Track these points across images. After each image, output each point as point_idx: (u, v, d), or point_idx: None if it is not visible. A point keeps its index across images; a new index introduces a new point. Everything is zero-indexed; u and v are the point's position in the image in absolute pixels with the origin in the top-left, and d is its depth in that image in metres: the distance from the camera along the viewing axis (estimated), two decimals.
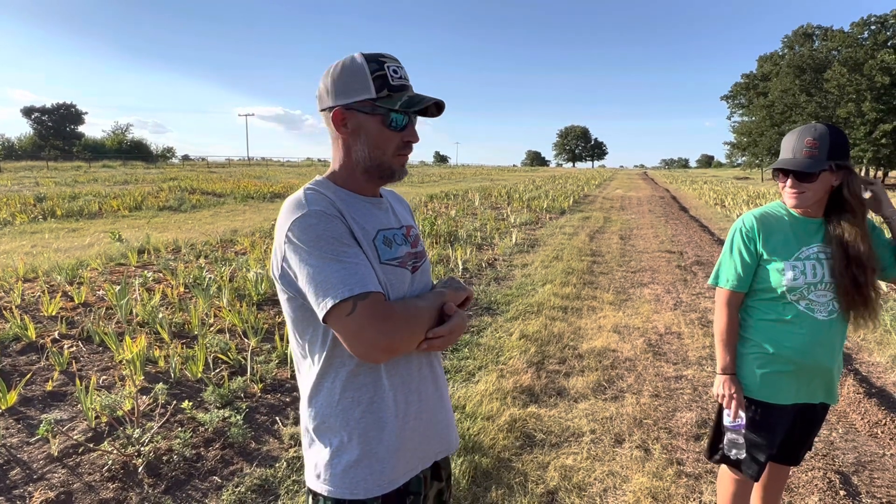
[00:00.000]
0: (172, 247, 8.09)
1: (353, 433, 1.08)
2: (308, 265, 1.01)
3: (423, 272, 1.21)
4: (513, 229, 10.82)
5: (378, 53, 1.11)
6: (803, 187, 1.63)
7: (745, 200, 18.70)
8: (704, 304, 5.60)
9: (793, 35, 49.64)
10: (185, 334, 4.33)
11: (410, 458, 1.13)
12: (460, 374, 3.77)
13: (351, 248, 1.03)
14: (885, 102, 33.01)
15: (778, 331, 1.71)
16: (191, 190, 19.34)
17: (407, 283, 1.14)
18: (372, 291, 1.00)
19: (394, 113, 1.09)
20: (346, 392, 1.08)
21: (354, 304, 0.98)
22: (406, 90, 1.11)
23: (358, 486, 1.07)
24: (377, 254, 1.09)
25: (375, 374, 1.09)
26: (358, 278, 0.99)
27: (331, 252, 1.00)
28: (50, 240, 8.97)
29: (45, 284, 5.56)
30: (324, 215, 1.03)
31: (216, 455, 2.72)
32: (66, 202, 13.97)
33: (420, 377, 1.15)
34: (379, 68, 1.08)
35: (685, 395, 3.47)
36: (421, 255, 1.22)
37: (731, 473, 1.88)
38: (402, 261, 1.14)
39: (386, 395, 1.09)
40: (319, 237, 1.01)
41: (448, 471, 1.31)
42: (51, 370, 3.59)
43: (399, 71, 1.11)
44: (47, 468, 2.57)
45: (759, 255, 1.72)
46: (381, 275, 1.08)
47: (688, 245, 9.50)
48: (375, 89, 1.08)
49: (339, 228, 1.04)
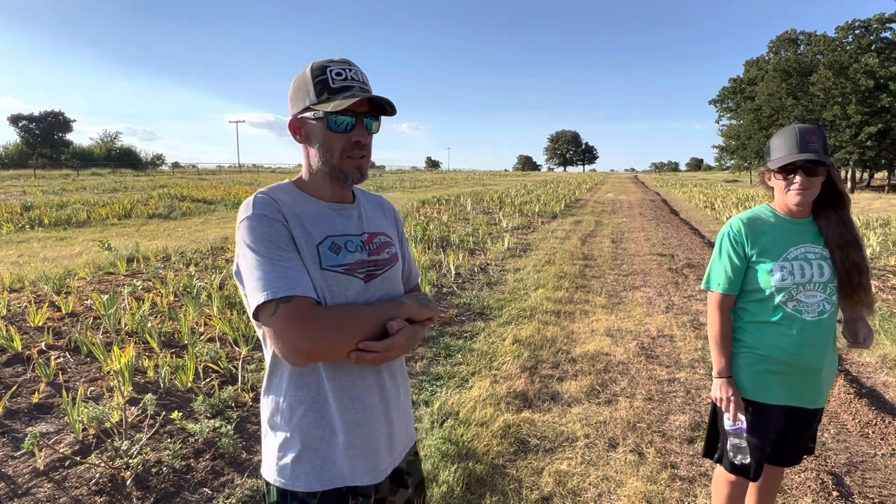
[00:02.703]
0: (162, 255, 8.02)
1: (296, 430, 1.11)
2: (246, 265, 1.06)
3: (386, 280, 1.20)
4: (505, 234, 10.83)
5: (329, 60, 1.13)
6: (811, 182, 1.65)
7: (735, 203, 18.87)
8: (696, 307, 5.63)
9: (777, 40, 50.34)
10: (174, 343, 4.28)
11: (354, 462, 1.13)
12: (453, 379, 3.75)
13: (286, 253, 1.06)
14: (870, 105, 33.49)
15: (767, 332, 1.73)
16: (181, 197, 19.20)
17: (354, 291, 1.13)
18: (297, 295, 1.02)
19: (333, 115, 1.09)
20: (290, 390, 1.12)
21: (277, 306, 1.01)
22: (348, 91, 1.10)
23: (299, 479, 1.11)
24: (319, 259, 1.10)
25: (317, 376, 1.11)
26: (285, 282, 1.02)
27: (266, 254, 1.04)
28: (37, 249, 8.86)
29: (32, 294, 5.48)
30: (265, 219, 1.07)
31: (206, 466, 2.68)
32: (53, 211, 13.81)
33: (364, 385, 1.15)
34: (321, 74, 1.11)
35: (678, 398, 3.48)
36: (384, 262, 1.20)
37: (725, 475, 1.86)
38: (349, 268, 1.13)
39: (328, 397, 1.11)
40: (257, 239, 1.05)
41: (417, 477, 1.31)
42: (37, 382, 3.53)
43: (344, 73, 1.11)
44: (33, 483, 2.51)
45: (748, 258, 1.74)
46: (321, 280, 1.09)
47: (679, 248, 9.56)
48: (316, 94, 1.10)
49: (277, 232, 1.06)
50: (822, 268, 1.68)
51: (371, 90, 1.15)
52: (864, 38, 35.26)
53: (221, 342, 4.31)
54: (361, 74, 1.15)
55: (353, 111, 1.10)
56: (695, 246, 9.79)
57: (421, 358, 4.15)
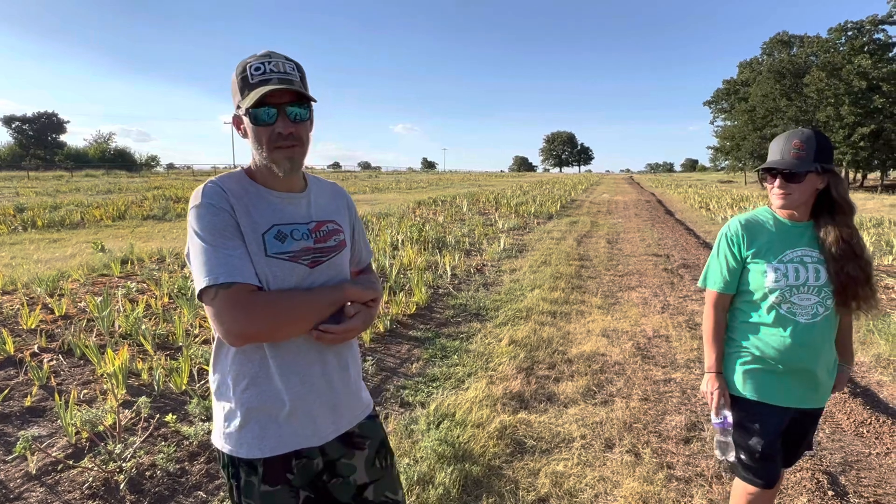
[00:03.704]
0: (157, 256, 7.98)
1: (240, 401, 1.20)
2: (193, 250, 1.13)
3: (331, 266, 1.27)
4: (501, 235, 10.84)
5: (252, 55, 1.17)
6: (790, 188, 1.66)
7: (730, 203, 18.96)
8: (692, 307, 5.64)
9: (771, 42, 50.63)
10: (169, 345, 4.26)
11: (295, 429, 1.21)
12: (450, 381, 3.74)
13: (230, 241, 1.12)
14: (863, 106, 33.73)
15: (760, 333, 1.74)
16: (176, 199, 19.12)
17: (298, 277, 1.20)
18: (236, 282, 1.09)
19: (252, 109, 1.13)
20: (234, 365, 1.20)
21: (217, 291, 1.08)
22: (265, 84, 1.12)
23: (242, 447, 1.20)
24: (264, 247, 1.16)
25: (261, 353, 1.19)
26: (225, 268, 1.09)
27: (211, 242, 1.10)
28: (30, 251, 8.79)
29: (25, 297, 5.44)
30: (212, 208, 1.13)
31: (201, 469, 2.66)
32: (47, 212, 13.72)
33: (305, 362, 1.22)
34: (242, 71, 1.15)
35: (674, 399, 3.48)
36: (330, 249, 1.27)
37: (744, 487, 1.81)
38: (294, 255, 1.19)
39: (271, 373, 1.19)
40: (203, 228, 1.11)
41: (376, 439, 1.37)
42: (30, 385, 3.50)
43: (263, 66, 1.14)
44: (25, 487, 2.49)
45: (744, 259, 1.76)
46: (265, 267, 1.15)
47: (674, 248, 9.59)
48: (240, 91, 1.16)
49: (223, 221, 1.12)
50: (818, 272, 1.67)
51: (294, 80, 1.16)
52: (857, 40, 35.52)
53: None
54: (283, 65, 1.16)
55: (273, 103, 1.12)
56: (690, 246, 9.82)
57: (417, 359, 4.15)
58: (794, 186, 1.66)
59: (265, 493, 1.20)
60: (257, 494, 1.20)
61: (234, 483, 1.22)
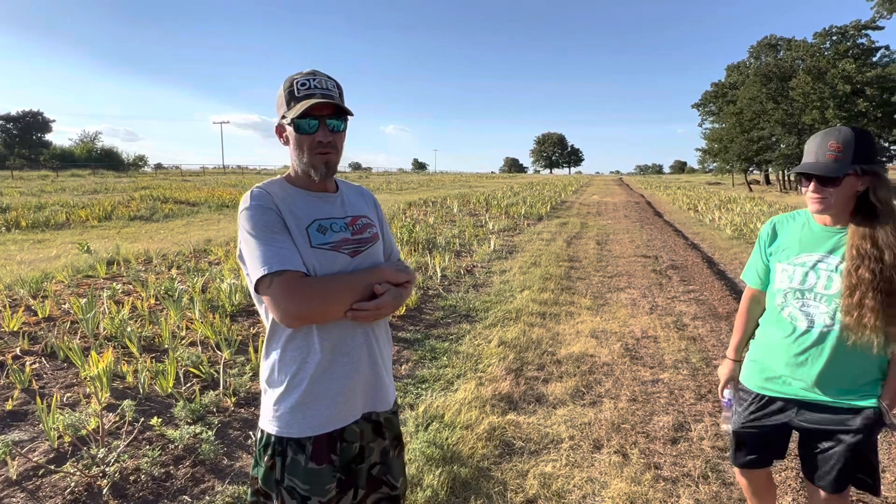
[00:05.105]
0: (143, 257, 7.88)
1: (291, 385, 1.30)
2: (246, 248, 1.26)
3: (369, 255, 1.40)
4: (491, 236, 10.86)
5: (299, 72, 1.34)
6: (826, 192, 1.54)
7: (717, 205, 19.14)
8: (679, 308, 5.68)
9: (758, 45, 51.24)
10: (155, 348, 4.20)
11: (341, 409, 1.33)
12: (439, 382, 3.74)
13: (278, 235, 1.26)
14: (847, 110, 34.21)
15: (765, 330, 1.81)
16: (163, 199, 18.92)
17: (341, 264, 1.33)
18: (288, 270, 1.22)
19: (297, 119, 1.28)
20: (286, 352, 1.31)
21: (272, 279, 1.21)
22: (310, 98, 1.28)
23: (293, 427, 1.30)
24: (308, 239, 1.30)
25: (309, 339, 1.30)
26: (277, 259, 1.22)
27: (262, 238, 1.24)
28: (14, 252, 8.65)
29: (7, 298, 5.35)
30: (260, 208, 1.28)
31: (186, 473, 2.63)
32: (31, 213, 13.51)
33: (354, 343, 1.34)
34: (290, 86, 1.31)
35: (662, 399, 3.50)
36: (366, 241, 1.41)
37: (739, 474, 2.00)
38: (335, 245, 1.33)
39: (318, 356, 1.30)
40: (255, 226, 1.26)
41: (394, 432, 1.50)
42: (11, 388, 3.44)
43: (308, 83, 1.31)
44: (5, 493, 2.44)
45: (768, 256, 1.81)
46: (312, 257, 1.29)
47: (662, 249, 9.66)
48: (286, 103, 1.32)
49: (271, 219, 1.27)
50: (830, 279, 1.57)
51: (335, 95, 1.33)
52: (842, 45, 36.05)
53: (203, 346, 4.24)
54: (326, 82, 1.33)
55: (315, 115, 1.29)
56: (678, 248, 9.90)
57: (406, 361, 4.13)
58: (830, 190, 1.54)
59: (311, 470, 1.30)
60: (302, 471, 1.30)
61: (278, 460, 1.30)
